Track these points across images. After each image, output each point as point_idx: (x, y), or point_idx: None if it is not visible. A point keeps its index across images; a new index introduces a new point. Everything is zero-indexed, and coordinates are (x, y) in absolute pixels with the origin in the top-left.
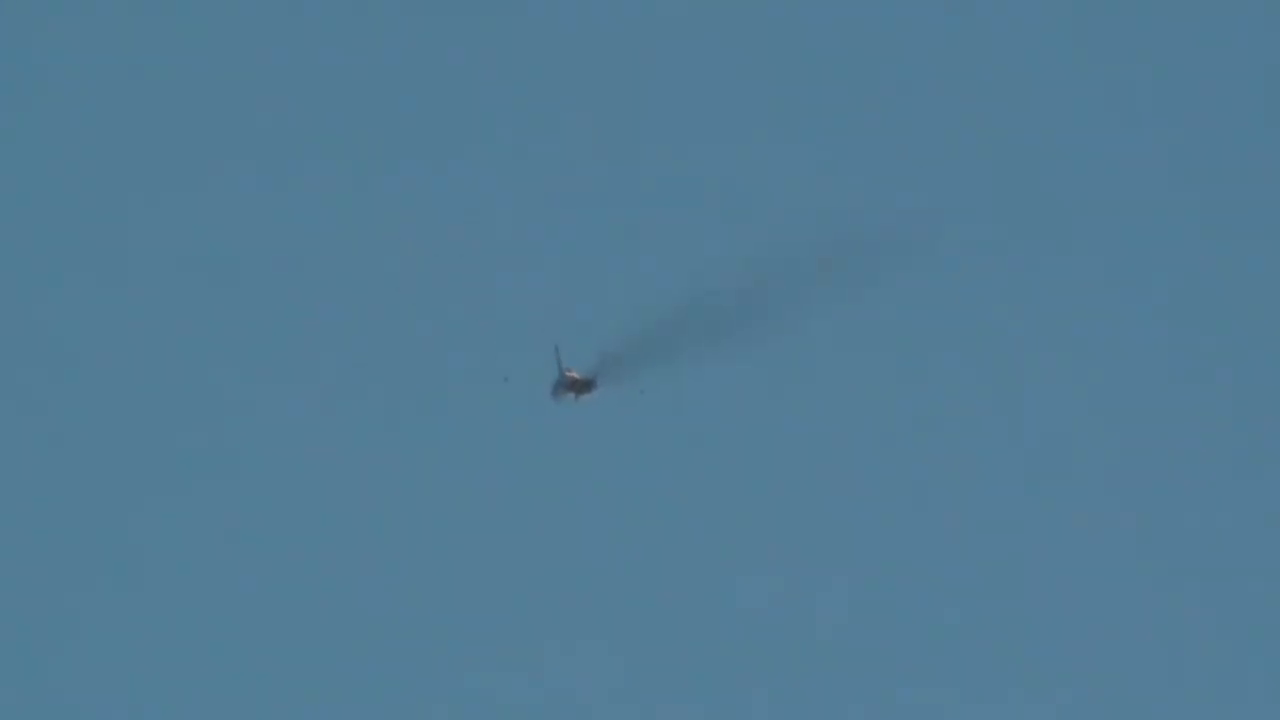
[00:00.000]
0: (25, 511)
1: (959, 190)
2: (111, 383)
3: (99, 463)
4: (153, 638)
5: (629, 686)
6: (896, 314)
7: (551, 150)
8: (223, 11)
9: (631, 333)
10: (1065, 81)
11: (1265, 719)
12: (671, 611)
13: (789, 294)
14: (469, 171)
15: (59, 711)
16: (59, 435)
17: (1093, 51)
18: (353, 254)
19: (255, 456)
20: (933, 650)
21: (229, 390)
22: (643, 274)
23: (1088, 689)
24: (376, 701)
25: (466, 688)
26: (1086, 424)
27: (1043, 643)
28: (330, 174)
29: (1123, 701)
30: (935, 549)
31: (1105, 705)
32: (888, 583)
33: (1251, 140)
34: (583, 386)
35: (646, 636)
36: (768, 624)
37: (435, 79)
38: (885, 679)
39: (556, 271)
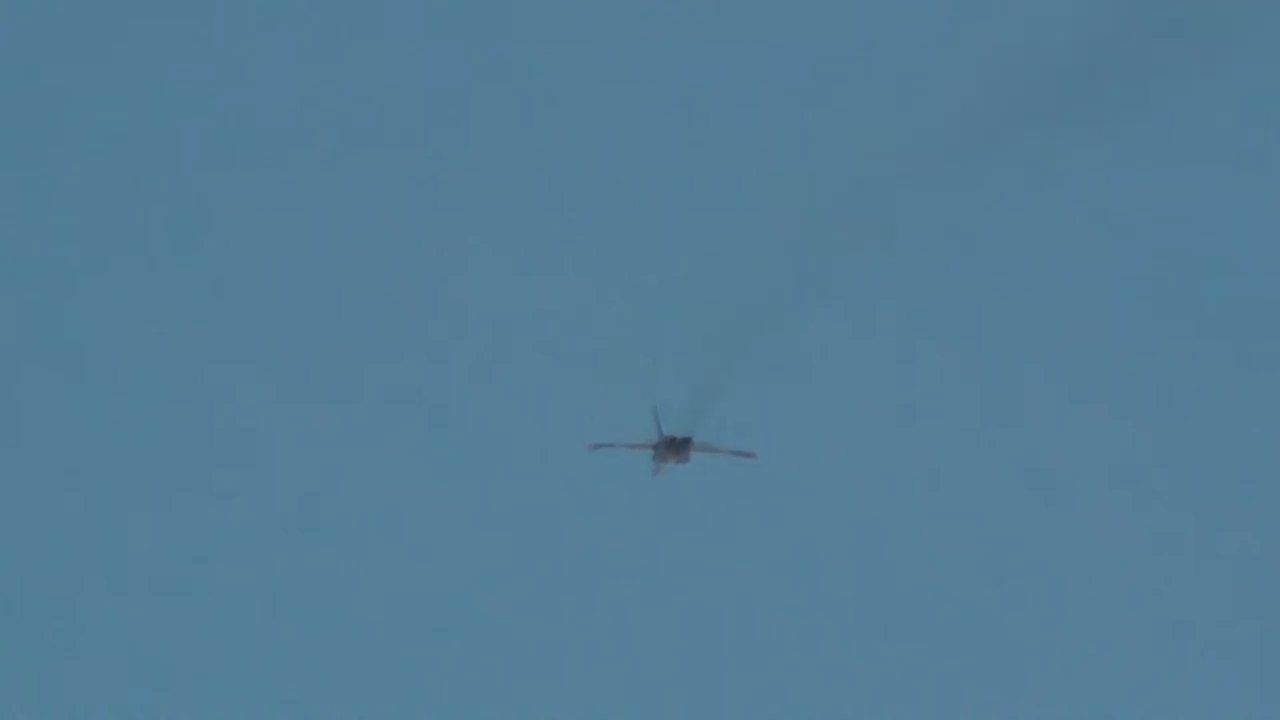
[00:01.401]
0: (26, 511)
1: None
2: (112, 384)
3: (100, 463)
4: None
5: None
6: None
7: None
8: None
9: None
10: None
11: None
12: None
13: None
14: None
15: (59, 711)
16: (61, 436)
17: None
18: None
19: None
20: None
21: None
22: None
23: (1086, 690)
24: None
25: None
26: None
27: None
28: (323, 171)
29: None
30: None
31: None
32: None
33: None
34: (682, 446)
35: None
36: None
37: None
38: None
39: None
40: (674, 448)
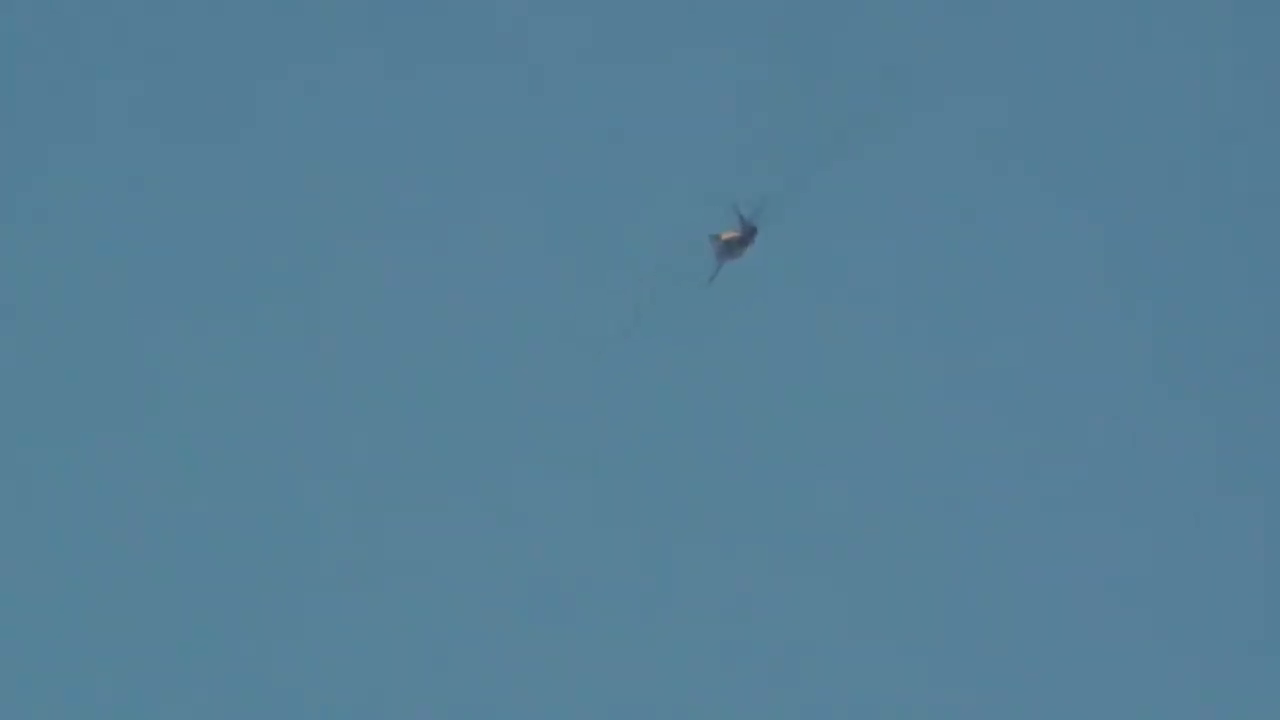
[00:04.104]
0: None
1: None
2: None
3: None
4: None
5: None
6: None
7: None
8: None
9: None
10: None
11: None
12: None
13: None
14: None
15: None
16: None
17: None
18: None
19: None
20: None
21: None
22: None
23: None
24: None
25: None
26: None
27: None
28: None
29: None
30: None
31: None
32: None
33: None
34: (749, 235)
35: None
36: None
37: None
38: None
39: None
40: (744, 240)
